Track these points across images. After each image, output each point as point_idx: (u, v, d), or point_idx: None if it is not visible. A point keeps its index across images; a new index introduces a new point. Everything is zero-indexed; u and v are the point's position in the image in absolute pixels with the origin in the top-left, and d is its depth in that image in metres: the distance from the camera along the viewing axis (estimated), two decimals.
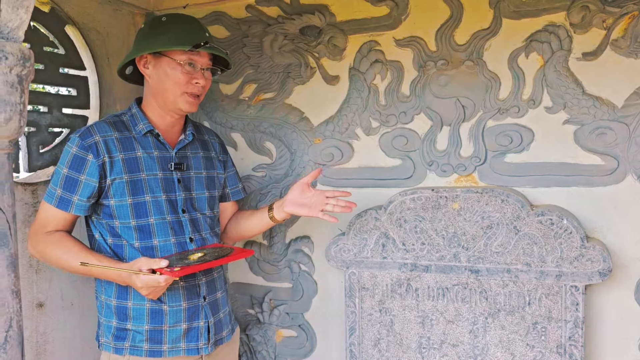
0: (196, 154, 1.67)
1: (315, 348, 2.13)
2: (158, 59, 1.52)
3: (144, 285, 1.41)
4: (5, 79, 0.87)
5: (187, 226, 1.58)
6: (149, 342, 1.52)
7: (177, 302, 1.54)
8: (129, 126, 1.56)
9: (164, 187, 1.55)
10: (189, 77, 1.52)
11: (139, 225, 1.51)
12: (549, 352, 1.69)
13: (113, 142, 1.50)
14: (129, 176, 1.50)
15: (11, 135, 0.89)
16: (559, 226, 1.66)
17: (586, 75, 1.72)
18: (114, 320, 1.54)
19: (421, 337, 1.83)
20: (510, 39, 1.78)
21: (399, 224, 1.83)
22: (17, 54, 0.88)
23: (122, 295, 1.53)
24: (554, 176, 1.77)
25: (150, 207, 1.52)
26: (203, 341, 1.57)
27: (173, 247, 1.55)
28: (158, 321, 1.53)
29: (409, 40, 1.90)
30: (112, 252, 1.53)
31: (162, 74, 1.52)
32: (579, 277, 1.64)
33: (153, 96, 1.57)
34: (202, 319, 1.58)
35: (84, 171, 1.46)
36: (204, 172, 1.68)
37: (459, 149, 1.87)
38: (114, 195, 1.49)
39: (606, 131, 1.70)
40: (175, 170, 1.59)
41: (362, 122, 1.98)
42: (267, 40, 2.08)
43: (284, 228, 2.13)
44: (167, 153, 1.59)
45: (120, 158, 1.50)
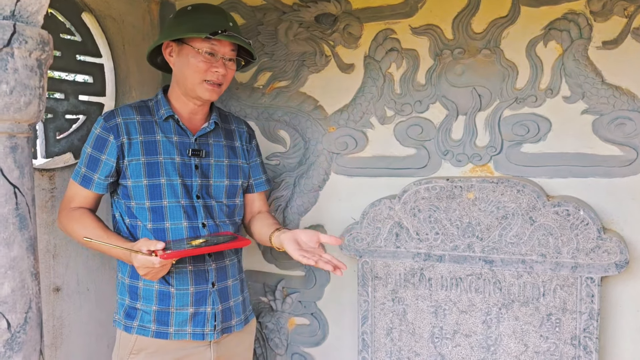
0: (218, 142, 1.69)
1: (328, 336, 2.14)
2: (181, 47, 1.57)
3: (140, 265, 1.43)
4: (25, 62, 0.87)
5: (201, 211, 1.60)
6: (156, 323, 1.56)
7: (184, 286, 1.57)
8: (152, 111, 1.62)
9: (181, 171, 1.58)
10: (208, 65, 1.54)
11: (152, 207, 1.55)
12: (562, 344, 1.68)
13: (134, 125, 1.56)
14: (146, 158, 1.55)
15: (31, 119, 0.90)
16: (575, 217, 1.64)
17: (606, 65, 1.69)
18: (127, 299, 1.60)
19: (434, 326, 1.83)
20: (528, 27, 1.76)
21: (413, 213, 1.82)
22: (37, 38, 0.89)
23: (134, 275, 1.57)
24: (571, 167, 1.75)
25: (165, 189, 1.56)
26: (209, 327, 1.59)
27: (184, 230, 1.57)
28: (165, 303, 1.56)
29: (425, 28, 1.88)
30: (129, 232, 1.58)
31: (183, 62, 1.56)
32: (595, 268, 1.63)
33: (177, 83, 1.62)
34: (210, 305, 1.59)
35: (104, 151, 1.53)
36: (225, 161, 1.69)
37: (474, 139, 1.85)
38: (131, 176, 1.54)
39: (625, 121, 1.67)
40: (194, 156, 1.61)
41: (377, 111, 1.97)
42: (282, 28, 2.07)
43: (297, 217, 2.13)
44: (187, 139, 1.62)
45: (139, 140, 1.55)
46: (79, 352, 1.90)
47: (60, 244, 1.80)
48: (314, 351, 2.16)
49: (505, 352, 1.75)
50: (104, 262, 1.96)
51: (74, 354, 1.88)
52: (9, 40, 0.85)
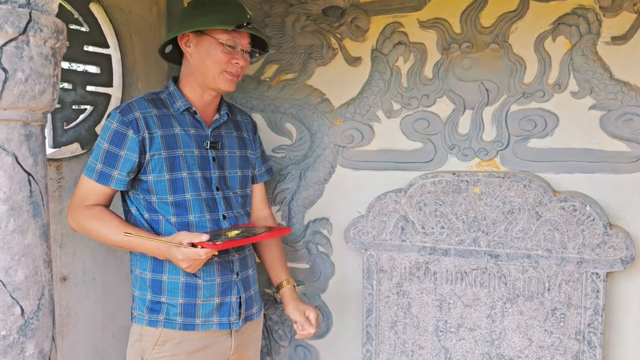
0: (230, 133, 1.71)
1: (332, 329, 2.15)
2: (200, 37, 1.56)
3: (185, 257, 1.44)
4: (40, 51, 0.88)
5: (221, 203, 1.62)
6: (182, 316, 1.57)
7: (211, 277, 1.59)
8: (167, 104, 1.60)
9: (200, 164, 1.59)
10: (229, 57, 1.55)
11: (175, 201, 1.55)
12: (567, 339, 1.68)
13: (152, 118, 1.54)
14: (167, 152, 1.54)
15: (45, 108, 0.90)
16: (581, 213, 1.64)
17: (614, 60, 1.68)
18: (149, 294, 1.58)
19: (438, 320, 1.84)
20: (537, 22, 1.75)
21: (419, 207, 1.83)
22: (51, 26, 0.89)
23: (157, 269, 1.58)
24: (578, 162, 1.75)
25: (187, 183, 1.56)
26: (235, 316, 1.62)
27: (208, 223, 1.59)
28: (192, 295, 1.57)
29: (433, 22, 1.88)
30: (149, 226, 1.57)
31: (203, 53, 1.56)
32: (600, 264, 1.63)
33: (193, 74, 1.60)
34: (235, 295, 1.62)
35: (124, 146, 1.50)
36: (237, 152, 1.72)
37: (481, 133, 1.85)
38: (153, 171, 1.53)
39: (633, 117, 1.67)
40: (211, 149, 1.63)
41: (384, 104, 1.97)
42: (289, 20, 2.07)
43: (303, 210, 2.13)
44: (203, 131, 1.63)
45: (159, 134, 1.54)
46: (85, 341, 1.91)
47: (67, 234, 1.81)
48: (317, 343, 2.17)
49: (509, 346, 1.76)
50: (110, 253, 1.96)
51: (81, 343, 1.89)
52: (24, 28, 0.85)
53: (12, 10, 0.83)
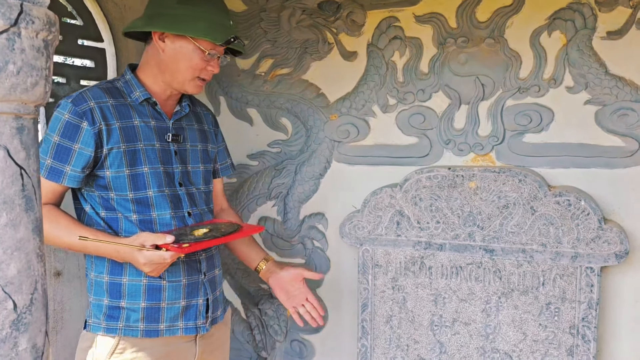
0: (191, 126, 1.62)
1: (327, 323, 2.15)
2: (179, 37, 1.45)
3: (148, 261, 1.35)
4: (32, 43, 0.87)
5: (185, 200, 1.53)
6: (145, 321, 1.46)
7: (176, 278, 1.49)
8: (123, 93, 1.48)
9: (162, 158, 1.49)
10: (205, 64, 1.48)
11: (136, 198, 1.44)
12: (561, 333, 1.69)
13: (109, 109, 1.42)
14: (126, 146, 1.43)
15: (37, 101, 0.89)
16: (576, 207, 1.65)
17: (610, 55, 1.69)
18: (106, 299, 1.46)
19: (433, 314, 1.84)
20: (532, 17, 1.75)
21: (414, 202, 1.83)
22: (44, 18, 0.88)
23: (115, 272, 1.46)
24: (573, 157, 1.75)
25: (149, 178, 1.46)
26: (202, 319, 1.53)
27: (172, 220, 1.49)
28: (155, 298, 1.47)
29: (429, 16, 1.87)
30: (106, 225, 1.45)
31: (179, 54, 1.46)
32: (594, 258, 1.64)
33: (159, 68, 1.49)
34: (202, 296, 1.54)
35: (77, 139, 1.37)
36: (199, 145, 1.63)
37: (476, 128, 1.85)
38: (111, 166, 1.41)
39: (628, 112, 1.67)
40: (173, 142, 1.53)
41: (379, 99, 1.97)
42: (284, 14, 2.06)
43: (298, 204, 2.13)
44: (164, 123, 1.53)
45: (117, 126, 1.42)
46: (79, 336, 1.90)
47: None
48: (313, 338, 2.18)
49: (504, 340, 1.76)
50: None
51: (75, 338, 1.88)
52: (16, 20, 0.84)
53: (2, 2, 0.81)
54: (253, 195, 2.19)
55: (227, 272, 2.26)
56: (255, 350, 2.27)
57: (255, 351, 2.27)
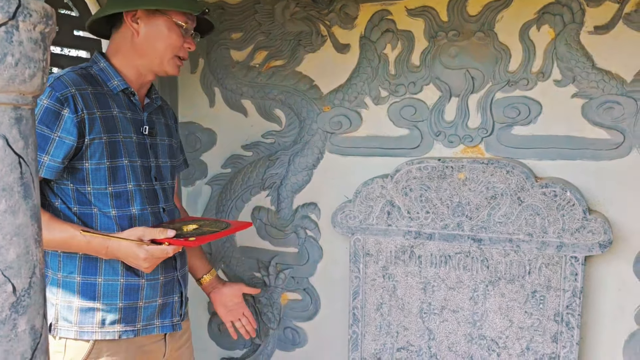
0: (159, 119, 1.60)
1: (319, 311, 2.19)
2: (153, 16, 1.40)
3: (149, 256, 1.32)
4: (30, 36, 0.90)
5: (160, 195, 1.52)
6: (122, 322, 1.42)
7: (155, 276, 1.46)
8: (99, 81, 1.42)
9: (139, 151, 1.46)
10: (182, 41, 1.45)
11: (115, 192, 1.39)
12: (546, 320, 1.74)
13: (89, 96, 1.36)
14: (107, 137, 1.37)
15: (35, 91, 0.92)
16: (562, 198, 1.69)
17: (597, 49, 1.72)
18: (77, 300, 1.39)
19: (422, 302, 1.89)
20: (522, 11, 1.78)
21: (405, 192, 1.86)
22: (41, 11, 0.91)
23: (89, 271, 1.40)
24: (560, 149, 1.79)
25: (129, 172, 1.42)
26: (177, 317, 1.53)
27: (150, 216, 1.46)
28: (133, 297, 1.44)
29: (420, 10, 1.90)
30: (79, 221, 1.39)
31: (156, 33, 1.42)
32: (579, 248, 1.68)
33: (135, 53, 1.44)
34: (177, 293, 1.53)
35: (57, 127, 1.30)
36: (166, 140, 1.61)
37: (466, 120, 1.89)
38: (91, 157, 1.35)
39: (614, 105, 1.71)
40: (148, 135, 1.51)
41: (372, 91, 2.00)
42: (279, 7, 2.08)
43: (292, 194, 2.17)
44: (139, 115, 1.50)
45: (99, 115, 1.36)
46: None
47: None
48: (305, 325, 2.22)
49: (490, 327, 1.81)
50: None
51: None
52: (14, 13, 0.87)
53: None
54: (247, 185, 2.22)
55: (222, 260, 2.30)
56: None
57: (249, 339, 2.31)
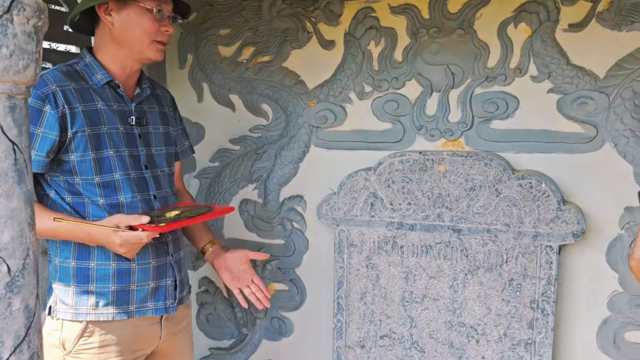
0: (152, 108, 1.63)
1: (305, 301, 2.24)
2: (123, 5, 1.43)
3: (124, 241, 1.37)
4: (23, 29, 0.94)
5: (151, 183, 1.56)
6: (115, 304, 1.48)
7: (146, 260, 1.52)
8: (84, 76, 1.47)
9: (126, 141, 1.51)
10: (158, 25, 1.47)
11: (103, 182, 1.45)
12: (522, 307, 1.80)
13: (71, 92, 1.41)
14: (91, 129, 1.43)
15: (28, 82, 0.97)
16: (537, 189, 1.75)
17: (571, 46, 1.78)
18: (72, 284, 1.47)
19: (404, 291, 1.95)
20: (500, 9, 1.84)
21: (388, 184, 1.92)
22: (34, 5, 0.95)
23: (82, 256, 1.47)
24: (536, 143, 1.85)
25: (115, 162, 1.47)
26: (171, 299, 1.57)
27: (139, 204, 1.51)
28: (125, 280, 1.49)
29: (403, 7, 1.96)
30: (72, 210, 1.46)
31: (129, 22, 1.45)
32: (554, 237, 1.75)
33: (116, 44, 1.48)
34: (170, 277, 1.58)
35: (40, 123, 1.36)
36: (160, 128, 1.64)
37: (447, 115, 1.95)
38: (76, 150, 1.42)
39: (587, 100, 1.78)
40: (136, 125, 1.55)
41: (356, 86, 2.06)
42: (265, 4, 2.13)
43: (278, 187, 2.22)
44: (126, 106, 1.54)
45: (81, 110, 1.42)
46: None
47: None
48: (292, 315, 2.27)
49: (469, 314, 1.87)
50: None
51: None
52: (9, 7, 0.91)
53: None
54: (235, 179, 2.27)
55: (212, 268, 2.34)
56: (236, 327, 2.36)
57: (237, 328, 2.36)
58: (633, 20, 1.69)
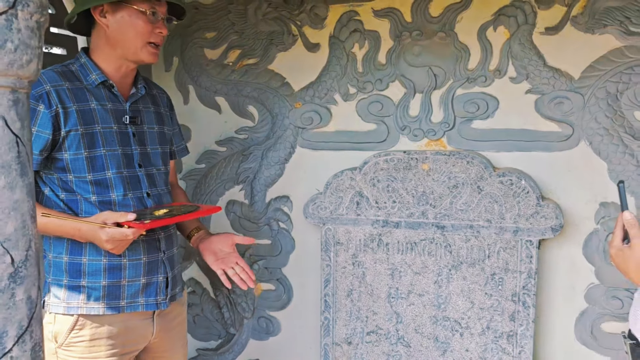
0: (148, 108, 1.66)
1: (292, 300, 2.27)
2: (117, 7, 1.46)
3: (110, 238, 1.40)
4: (27, 24, 0.96)
5: (144, 181, 1.59)
6: (106, 299, 1.51)
7: (137, 256, 1.55)
8: (79, 76, 1.51)
9: (120, 140, 1.54)
10: (152, 27, 1.50)
11: (95, 179, 1.49)
12: (504, 300, 1.87)
13: (65, 92, 1.45)
14: (84, 128, 1.46)
15: (30, 76, 0.99)
16: (517, 186, 1.82)
17: (548, 49, 1.86)
18: (65, 278, 1.50)
19: (390, 287, 1.99)
20: (480, 13, 1.91)
21: (373, 183, 1.97)
22: (37, 2, 0.97)
23: (75, 252, 1.51)
24: (516, 141, 1.92)
25: (107, 160, 1.51)
26: (162, 296, 1.59)
27: (131, 201, 1.55)
28: (116, 276, 1.52)
29: (386, 11, 2.01)
30: (66, 206, 1.50)
31: (123, 24, 1.48)
32: (533, 232, 1.81)
33: (110, 46, 1.51)
34: (162, 274, 1.60)
35: (34, 122, 1.40)
36: (156, 127, 1.68)
37: (430, 115, 2.01)
38: (69, 149, 1.45)
39: (563, 100, 1.85)
40: (130, 124, 1.58)
41: (341, 88, 2.10)
42: (251, 7, 2.17)
43: (265, 188, 2.25)
44: (120, 106, 1.57)
45: (75, 109, 1.46)
46: None
47: None
48: (279, 314, 2.30)
49: (454, 309, 1.93)
50: None
51: None
52: (14, 2, 0.93)
53: None
54: (221, 180, 2.29)
55: (198, 253, 2.35)
56: (224, 327, 2.37)
57: (224, 328, 2.37)
58: (605, 24, 1.78)
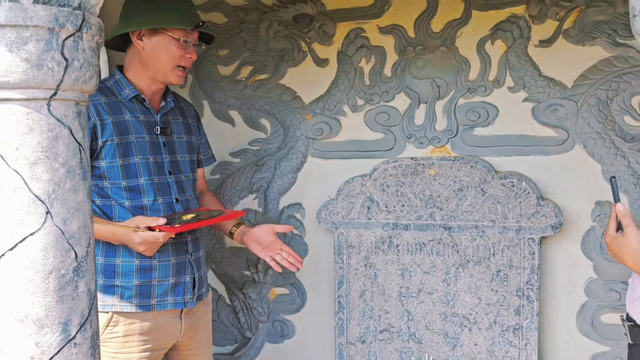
0: (177, 119, 1.81)
1: (306, 303, 2.37)
2: (154, 32, 1.62)
3: (142, 241, 1.51)
4: (90, 45, 1.08)
5: (174, 187, 1.71)
6: (137, 297, 1.62)
7: (166, 258, 1.66)
8: (114, 91, 1.66)
9: (151, 149, 1.67)
10: (183, 52, 1.65)
11: (129, 186, 1.62)
12: (509, 295, 1.98)
13: (102, 106, 1.60)
14: (119, 138, 1.60)
15: (90, 91, 1.11)
16: (518, 187, 1.94)
17: (542, 60, 2.00)
18: (101, 279, 1.62)
19: (401, 287, 2.10)
20: (478, 28, 2.05)
21: (382, 188, 2.09)
22: (97, 25, 1.10)
23: (109, 254, 1.63)
24: (515, 146, 2.05)
25: (140, 168, 1.63)
26: (189, 295, 1.70)
27: (161, 206, 1.67)
28: (147, 276, 1.64)
29: (391, 28, 2.15)
30: (101, 212, 1.62)
31: (157, 48, 1.63)
32: (535, 230, 1.94)
33: (143, 66, 1.66)
34: (189, 274, 1.71)
35: None
36: (184, 137, 1.81)
37: (434, 124, 2.13)
38: (105, 157, 1.59)
39: (558, 107, 1.99)
40: (161, 134, 1.71)
41: (349, 100, 2.23)
42: (262, 26, 2.30)
43: (278, 196, 2.36)
44: (152, 117, 1.71)
45: (111, 121, 1.60)
46: None
47: None
48: (293, 317, 2.40)
49: (462, 305, 2.04)
50: None
51: None
52: (80, 26, 1.06)
53: (71, 12, 1.03)
54: (236, 190, 2.41)
55: (213, 261, 2.45)
56: (240, 331, 2.47)
57: (240, 332, 2.47)
58: (594, 36, 1.92)
